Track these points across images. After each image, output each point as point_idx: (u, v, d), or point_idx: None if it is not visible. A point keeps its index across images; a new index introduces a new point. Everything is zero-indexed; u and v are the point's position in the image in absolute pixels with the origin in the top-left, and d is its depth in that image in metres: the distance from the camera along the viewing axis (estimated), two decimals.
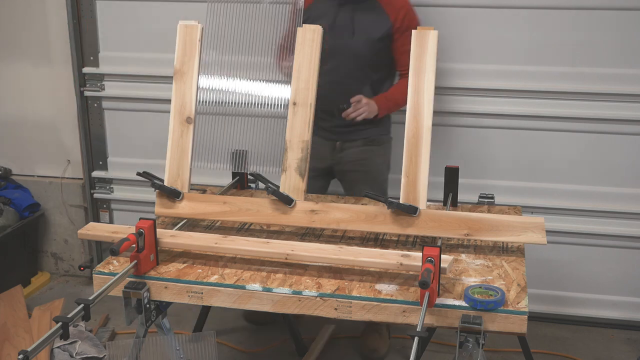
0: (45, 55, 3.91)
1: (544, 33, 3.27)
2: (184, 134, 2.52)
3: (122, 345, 2.43)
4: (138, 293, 2.12)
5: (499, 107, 3.40)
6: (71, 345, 3.17)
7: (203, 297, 2.16)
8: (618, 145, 3.35)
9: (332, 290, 2.10)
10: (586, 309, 3.59)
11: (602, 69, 3.28)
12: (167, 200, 2.53)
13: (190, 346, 2.33)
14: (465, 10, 3.30)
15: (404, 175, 2.33)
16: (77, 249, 4.16)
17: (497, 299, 1.96)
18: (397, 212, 2.34)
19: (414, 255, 2.13)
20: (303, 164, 2.44)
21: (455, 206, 2.70)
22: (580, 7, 3.22)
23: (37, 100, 4.00)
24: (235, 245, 2.27)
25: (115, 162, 3.94)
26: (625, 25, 3.22)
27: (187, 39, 2.54)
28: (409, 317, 2.02)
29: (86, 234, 2.45)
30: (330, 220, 2.41)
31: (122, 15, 3.70)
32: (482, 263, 2.27)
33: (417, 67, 2.36)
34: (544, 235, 2.28)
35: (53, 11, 3.81)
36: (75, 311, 1.90)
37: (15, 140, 4.10)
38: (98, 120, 3.88)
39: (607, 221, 3.45)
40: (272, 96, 2.52)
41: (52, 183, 4.08)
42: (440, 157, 3.06)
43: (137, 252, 2.17)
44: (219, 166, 2.58)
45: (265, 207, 2.46)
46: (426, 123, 2.33)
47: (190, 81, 2.53)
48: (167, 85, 2.72)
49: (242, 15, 2.54)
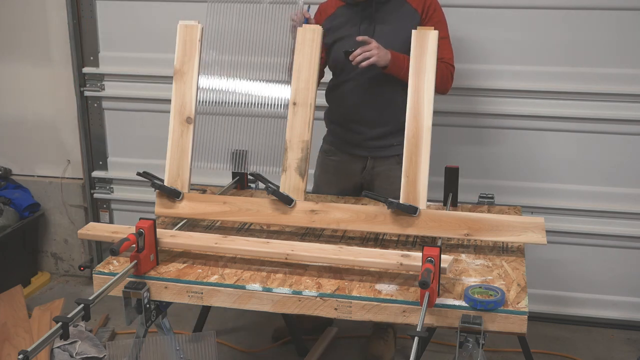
0: (45, 55, 3.90)
1: (544, 33, 3.27)
2: (184, 134, 2.52)
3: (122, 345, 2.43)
4: (138, 293, 2.12)
5: (499, 107, 3.40)
6: (71, 345, 3.17)
7: (203, 297, 2.15)
8: (618, 145, 3.35)
9: (332, 290, 2.10)
10: (586, 309, 3.58)
11: (602, 69, 3.28)
12: (167, 200, 2.53)
13: (190, 346, 2.33)
14: (464, 10, 3.30)
15: (404, 175, 2.33)
16: (77, 249, 4.16)
17: (497, 299, 1.96)
18: (397, 212, 2.34)
19: (414, 255, 2.13)
20: (303, 164, 2.43)
21: (455, 206, 2.70)
22: (580, 7, 3.22)
23: (37, 100, 4.00)
24: (235, 245, 2.27)
25: (115, 162, 3.94)
26: (625, 25, 3.22)
27: (187, 39, 2.54)
28: (409, 317, 2.02)
29: (86, 234, 2.45)
30: (330, 220, 2.41)
31: (122, 15, 3.70)
32: (482, 263, 2.27)
33: (417, 67, 2.36)
34: (544, 235, 2.28)
35: (53, 11, 3.81)
36: (75, 311, 1.90)
37: (15, 140, 4.10)
38: (98, 120, 3.88)
39: (607, 221, 3.45)
40: (272, 96, 2.52)
41: (52, 183, 4.08)
42: (440, 157, 3.06)
43: (137, 252, 2.17)
44: (219, 166, 2.58)
45: (265, 207, 2.46)
46: (426, 123, 2.33)
47: (190, 81, 2.53)
48: (167, 85, 2.72)
49: (242, 15, 2.54)
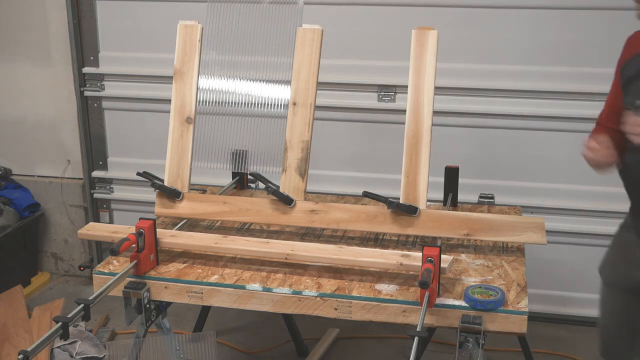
0: (45, 55, 3.90)
1: (544, 33, 3.27)
2: (184, 134, 2.52)
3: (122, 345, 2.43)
4: (138, 293, 2.12)
5: (499, 107, 3.40)
6: (71, 345, 3.17)
7: (203, 297, 2.15)
8: None
9: (332, 290, 2.10)
10: (586, 309, 3.58)
11: (602, 69, 3.26)
12: (167, 200, 2.53)
13: (190, 346, 2.33)
14: (464, 10, 3.30)
15: (404, 175, 2.33)
16: (77, 249, 4.16)
17: (497, 299, 1.96)
18: (397, 212, 2.34)
19: (414, 255, 2.13)
20: (303, 164, 2.43)
21: (455, 206, 2.70)
22: (580, 7, 3.22)
23: (37, 100, 4.00)
24: (235, 245, 2.27)
25: (115, 162, 3.94)
26: (625, 25, 3.21)
27: (187, 39, 2.54)
28: (409, 317, 2.02)
29: (86, 234, 2.45)
30: (330, 220, 2.41)
31: (122, 15, 3.70)
32: (482, 263, 2.27)
33: (417, 67, 2.36)
34: (544, 235, 2.28)
35: (53, 11, 3.81)
36: (75, 311, 1.90)
37: (15, 140, 4.10)
38: (98, 120, 3.88)
39: (607, 221, 3.45)
40: (272, 96, 2.52)
41: (52, 183, 4.08)
42: (440, 157, 3.05)
43: (137, 252, 2.17)
44: (219, 166, 2.58)
45: (265, 207, 2.46)
46: (426, 123, 2.33)
47: (190, 81, 2.53)
48: (167, 85, 2.72)
49: (242, 15, 2.54)
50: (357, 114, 3.55)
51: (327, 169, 3.62)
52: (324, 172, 3.59)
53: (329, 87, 3.43)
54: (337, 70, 3.47)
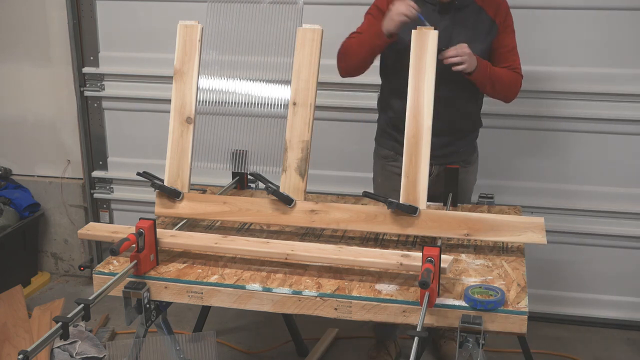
0: (45, 55, 3.91)
1: (544, 33, 3.27)
2: (184, 134, 2.52)
3: (122, 345, 2.43)
4: (138, 293, 2.12)
5: (499, 107, 3.38)
6: (71, 345, 3.17)
7: (203, 297, 2.15)
8: (618, 145, 3.35)
9: (332, 290, 2.10)
10: (586, 309, 3.58)
11: (603, 69, 3.28)
12: (167, 200, 2.53)
13: (190, 346, 2.34)
14: None
15: (404, 175, 2.33)
16: (77, 249, 4.16)
17: (497, 299, 1.96)
18: (397, 212, 2.34)
19: (414, 255, 2.13)
20: (303, 164, 2.43)
21: (455, 206, 2.70)
22: (581, 7, 3.22)
23: (37, 100, 4.00)
24: (235, 245, 2.27)
25: (115, 162, 3.94)
26: (625, 26, 3.21)
27: (187, 39, 2.54)
28: (409, 317, 2.02)
29: (86, 234, 2.45)
30: (330, 220, 2.41)
31: (122, 15, 3.70)
32: (482, 263, 2.26)
33: (417, 67, 2.36)
34: (544, 235, 2.28)
35: (53, 11, 3.81)
36: (75, 311, 1.90)
37: (15, 140, 4.10)
38: (98, 120, 3.88)
39: (607, 221, 3.45)
40: (272, 96, 2.52)
41: (52, 183, 4.08)
42: None
43: (137, 252, 2.17)
44: (219, 166, 2.58)
45: (265, 207, 2.46)
46: (426, 123, 2.33)
47: (190, 81, 2.53)
48: (167, 85, 2.72)
49: (241, 15, 2.54)
50: (357, 114, 3.55)
51: (327, 169, 3.62)
52: (324, 172, 3.59)
53: (329, 87, 3.42)
54: (337, 70, 3.47)
